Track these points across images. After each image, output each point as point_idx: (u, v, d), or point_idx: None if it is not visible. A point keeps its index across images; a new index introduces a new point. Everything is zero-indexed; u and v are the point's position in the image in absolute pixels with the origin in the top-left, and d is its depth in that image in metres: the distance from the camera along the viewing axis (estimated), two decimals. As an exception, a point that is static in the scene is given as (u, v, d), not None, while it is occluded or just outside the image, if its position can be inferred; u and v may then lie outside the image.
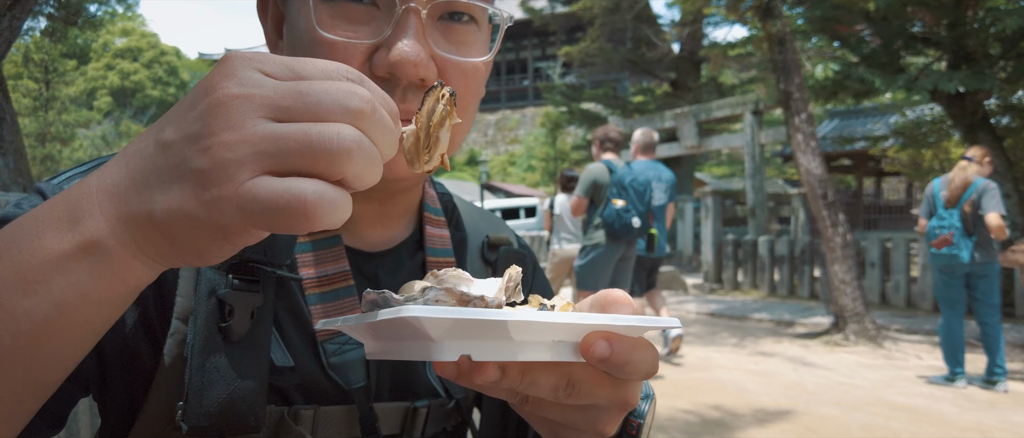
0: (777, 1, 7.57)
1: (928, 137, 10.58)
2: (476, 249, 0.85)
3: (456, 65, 0.65)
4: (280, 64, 0.39)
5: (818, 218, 7.41)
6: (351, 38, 0.62)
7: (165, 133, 0.38)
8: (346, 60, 0.61)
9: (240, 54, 0.39)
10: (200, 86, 0.39)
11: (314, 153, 0.36)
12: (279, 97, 0.37)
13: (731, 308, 9.56)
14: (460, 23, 0.66)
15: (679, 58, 18.64)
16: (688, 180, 18.18)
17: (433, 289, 0.46)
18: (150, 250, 0.40)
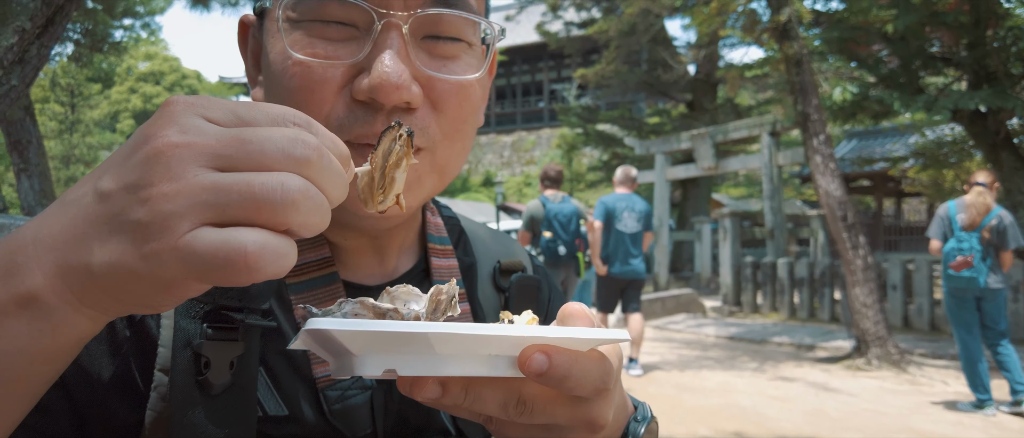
0: (793, 22, 7.57)
1: (949, 157, 10.45)
2: (487, 275, 0.80)
3: (444, 83, 0.60)
4: (224, 110, 0.38)
5: (838, 240, 7.32)
6: (328, 59, 0.58)
7: (104, 182, 0.37)
8: (323, 83, 0.58)
9: (183, 99, 0.38)
10: (141, 132, 0.37)
11: (257, 204, 0.34)
12: (221, 145, 0.36)
13: (751, 331, 9.44)
14: (446, 42, 0.61)
15: (695, 79, 18.65)
16: (705, 201, 18.09)
17: (349, 302, 0.45)
18: (91, 303, 0.38)
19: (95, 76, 35.73)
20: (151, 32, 36.86)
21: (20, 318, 0.37)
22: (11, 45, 2.93)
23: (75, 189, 0.39)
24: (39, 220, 0.39)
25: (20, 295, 0.37)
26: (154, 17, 19.37)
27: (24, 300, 0.37)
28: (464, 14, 0.60)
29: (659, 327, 10.05)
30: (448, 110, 0.61)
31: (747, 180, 25.53)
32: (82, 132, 19.12)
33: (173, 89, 41.69)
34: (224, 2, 6.31)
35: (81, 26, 8.48)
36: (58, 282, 0.37)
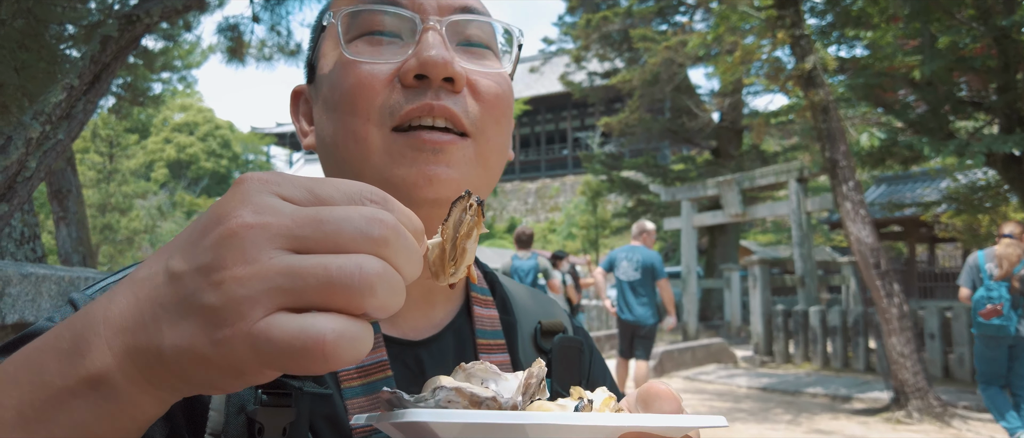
0: (818, 70, 7.58)
1: (984, 202, 10.24)
2: (528, 335, 0.79)
3: (482, 73, 0.67)
4: (299, 187, 0.37)
5: (872, 288, 7.16)
6: (377, 59, 0.64)
7: (174, 262, 0.36)
8: (374, 75, 0.63)
9: (257, 176, 0.37)
10: (213, 211, 0.36)
11: (334, 288, 0.33)
12: (297, 226, 0.35)
13: (783, 382, 9.19)
14: (475, 48, 0.68)
15: (720, 126, 18.68)
16: (733, 248, 17.89)
17: (443, 389, 0.44)
18: (160, 384, 0.37)
19: (133, 127, 36.93)
20: (187, 85, 38.16)
21: (87, 398, 0.37)
22: (59, 101, 3.06)
23: (144, 267, 0.39)
24: (108, 298, 0.38)
25: (89, 375, 0.37)
26: (190, 71, 20.08)
27: (93, 380, 0.37)
28: (487, 19, 0.69)
29: (689, 378, 9.84)
30: (486, 98, 0.66)
31: (775, 227, 25.24)
32: (119, 181, 19.67)
33: (206, 139, 42.84)
34: (259, 57, 6.54)
35: (122, 80, 8.81)
36: (127, 363, 0.36)
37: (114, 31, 3.25)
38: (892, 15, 8.47)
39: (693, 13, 18.76)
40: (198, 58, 18.51)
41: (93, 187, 18.99)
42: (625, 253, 7.03)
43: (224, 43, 6.37)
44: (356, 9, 0.66)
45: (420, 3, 0.66)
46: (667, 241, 25.25)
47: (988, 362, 5.35)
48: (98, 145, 19.94)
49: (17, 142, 2.91)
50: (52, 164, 3.12)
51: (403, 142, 0.63)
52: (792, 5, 8.20)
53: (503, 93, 0.69)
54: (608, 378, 0.85)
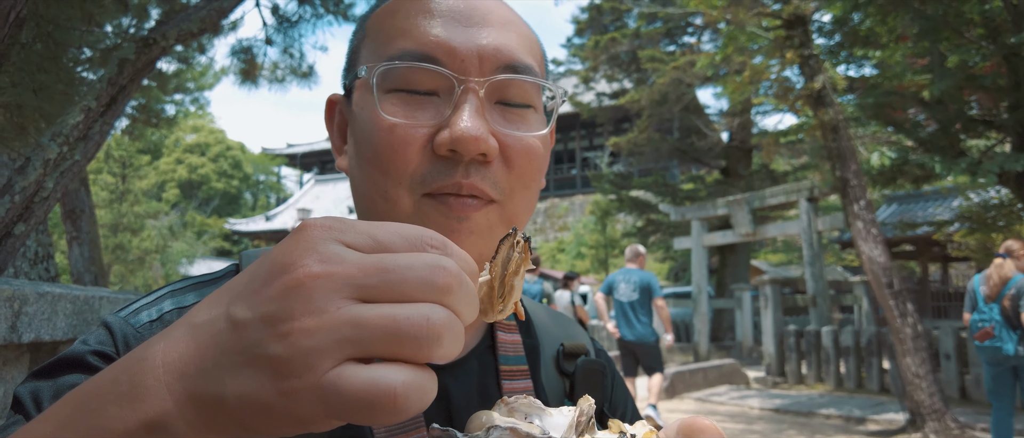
0: (828, 89, 7.59)
1: (997, 221, 10.16)
2: (550, 358, 0.79)
3: (517, 139, 0.65)
4: (361, 234, 0.37)
5: (885, 307, 7.10)
6: (413, 121, 0.63)
7: (237, 310, 0.36)
8: (408, 140, 0.62)
9: (320, 223, 0.37)
10: (277, 259, 0.36)
11: (401, 340, 0.34)
12: (362, 275, 0.35)
13: (796, 403, 9.08)
14: (515, 109, 0.67)
15: (729, 146, 18.67)
16: (744, 268, 17.79)
17: (497, 429, 0.44)
18: (220, 431, 0.36)
19: (145, 148, 37.31)
20: (199, 106, 38.58)
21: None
22: (77, 123, 3.10)
23: (202, 311, 0.38)
24: (164, 341, 0.38)
25: (149, 420, 0.36)
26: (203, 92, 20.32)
27: (153, 425, 0.36)
28: (530, 79, 0.66)
29: (701, 399, 9.75)
30: (518, 165, 0.66)
31: (786, 246, 25.10)
32: (131, 201, 19.84)
33: (218, 160, 43.20)
34: (272, 79, 6.61)
35: (136, 102, 8.93)
36: (188, 409, 0.36)
37: (131, 54, 3.31)
38: (900, 34, 8.48)
39: (701, 34, 18.86)
40: (211, 80, 18.74)
41: (106, 207, 19.16)
42: (623, 276, 7.36)
43: (237, 65, 6.45)
44: (392, 67, 0.64)
45: (461, 59, 0.64)
46: (677, 261, 25.14)
47: (993, 384, 5.32)
48: (111, 166, 20.16)
49: (35, 163, 2.95)
50: (68, 184, 3.16)
51: (432, 207, 0.63)
52: (800, 25, 8.24)
53: (536, 158, 0.67)
54: (630, 402, 0.84)
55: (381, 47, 0.66)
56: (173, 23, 3.52)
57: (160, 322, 0.60)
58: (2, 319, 1.80)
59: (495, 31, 0.66)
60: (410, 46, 0.64)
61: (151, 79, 8.90)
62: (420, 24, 0.65)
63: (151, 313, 0.61)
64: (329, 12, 6.54)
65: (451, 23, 0.65)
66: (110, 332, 0.58)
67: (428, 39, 0.64)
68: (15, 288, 1.83)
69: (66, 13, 4.33)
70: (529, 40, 0.69)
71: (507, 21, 0.68)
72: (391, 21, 0.67)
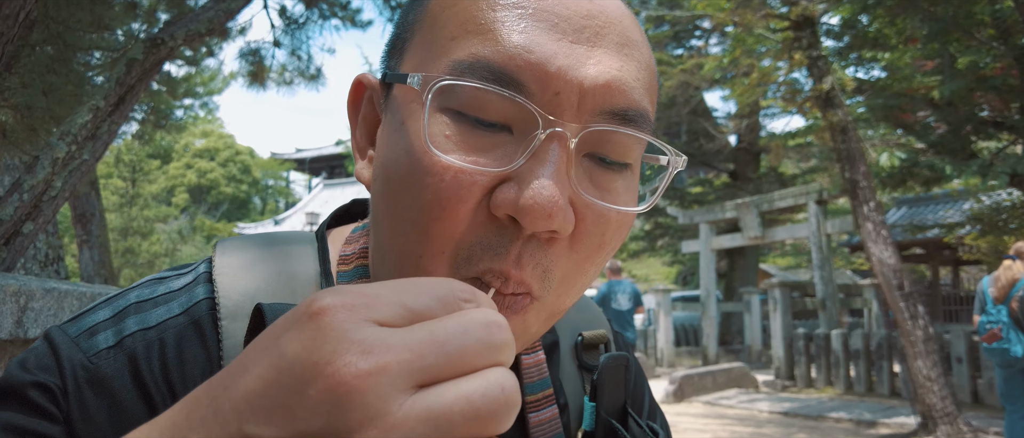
0: (836, 91, 7.55)
1: (1009, 223, 10.07)
2: (569, 350, 0.69)
3: (601, 214, 0.48)
4: (391, 305, 0.30)
5: (895, 310, 7.04)
6: (473, 165, 0.45)
7: (257, 428, 0.28)
8: (461, 194, 0.45)
9: (341, 304, 0.30)
10: (300, 357, 0.28)
11: (482, 421, 0.29)
12: (418, 357, 0.29)
13: (806, 407, 9.02)
14: (610, 168, 0.49)
15: (737, 149, 18.62)
16: (752, 272, 17.72)
17: None
18: None
19: (155, 153, 37.57)
20: (208, 111, 38.83)
21: None
22: (85, 122, 3.12)
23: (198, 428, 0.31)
24: None
25: None
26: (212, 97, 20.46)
27: None
28: (644, 136, 0.49)
29: (710, 403, 9.69)
30: (587, 246, 0.49)
31: (794, 250, 24.98)
32: (140, 206, 19.98)
33: (227, 165, 43.44)
34: (280, 82, 6.64)
35: (146, 106, 9.00)
36: None
37: (139, 55, 3.33)
38: (910, 36, 8.44)
39: (708, 37, 18.83)
40: (219, 85, 18.87)
41: (115, 211, 19.30)
42: (619, 287, 8.02)
43: (246, 68, 6.49)
44: (456, 83, 0.45)
45: (556, 91, 0.45)
46: (685, 264, 25.06)
47: (1004, 388, 5.27)
48: (121, 170, 20.31)
49: (44, 162, 2.97)
50: (77, 184, 3.17)
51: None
52: (808, 26, 8.20)
53: (614, 240, 0.51)
54: (648, 392, 0.76)
55: (446, 40, 0.47)
56: (181, 24, 3.55)
57: (120, 350, 0.48)
58: (8, 314, 1.81)
59: (611, 56, 0.47)
60: (487, 54, 0.45)
61: (160, 83, 8.97)
62: (508, 22, 0.46)
63: (108, 337, 0.49)
64: (335, 16, 6.58)
65: (553, 32, 0.46)
66: (56, 357, 0.47)
67: (516, 51, 0.45)
68: (21, 284, 1.84)
69: (76, 16, 4.36)
70: (650, 71, 0.51)
71: (629, 41, 0.49)
72: (467, 3, 0.48)
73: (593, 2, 0.48)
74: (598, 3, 0.48)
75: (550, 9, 0.46)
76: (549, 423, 0.62)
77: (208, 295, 0.53)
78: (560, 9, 0.46)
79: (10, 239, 2.91)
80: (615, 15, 0.49)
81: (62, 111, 3.91)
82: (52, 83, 3.86)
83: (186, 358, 0.49)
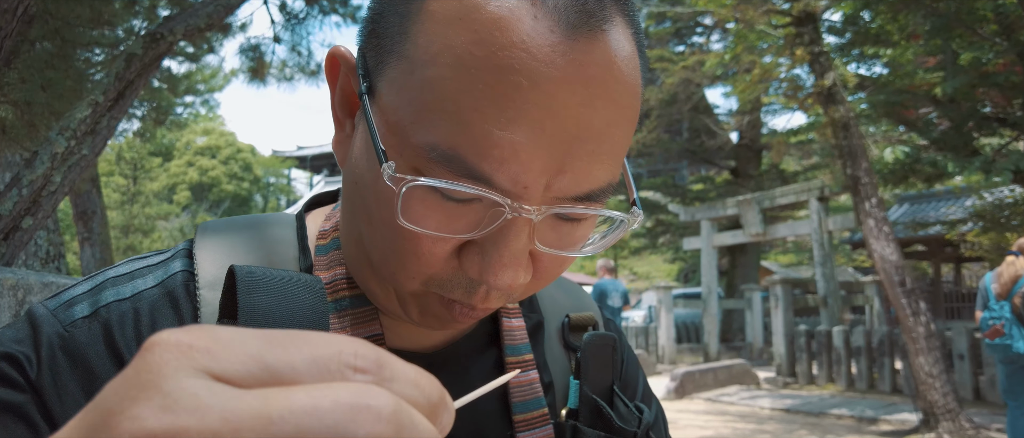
0: (838, 86, 7.53)
1: (1011, 220, 10.05)
2: (555, 331, 0.70)
3: (557, 258, 0.52)
4: (241, 354, 0.22)
5: (897, 307, 7.03)
6: (443, 233, 0.47)
7: None
8: (434, 250, 0.48)
9: (174, 340, 0.22)
10: (102, 401, 0.22)
11: None
12: (231, 430, 0.21)
13: (807, 403, 9.01)
14: (570, 221, 0.51)
15: (738, 146, 18.60)
16: (753, 269, 17.70)
17: None
18: None
19: (156, 150, 37.59)
20: (210, 108, 38.85)
21: None
22: (85, 117, 3.11)
23: None
24: None
25: None
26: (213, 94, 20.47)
27: None
28: (605, 213, 0.50)
29: (711, 399, 9.69)
30: (547, 276, 0.53)
31: (796, 247, 24.97)
32: (142, 203, 20.01)
33: (228, 163, 43.48)
34: (280, 77, 6.64)
35: (147, 104, 9.00)
36: None
37: (138, 49, 3.32)
38: (912, 32, 8.41)
39: (710, 33, 18.80)
40: (220, 82, 18.87)
41: (117, 209, 19.32)
42: (613, 286, 8.24)
43: (246, 64, 6.49)
44: (430, 185, 0.45)
45: (525, 185, 0.45)
46: (687, 262, 25.05)
47: (1007, 384, 5.25)
48: (122, 168, 20.34)
49: (43, 157, 2.97)
50: (76, 179, 3.17)
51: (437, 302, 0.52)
52: (810, 22, 8.18)
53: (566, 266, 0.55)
54: (642, 378, 0.76)
55: (422, 110, 0.45)
56: (180, 19, 3.54)
57: (95, 319, 0.49)
58: (6, 307, 1.80)
59: (590, 148, 0.46)
60: (464, 150, 0.44)
61: (161, 80, 8.97)
62: (491, 115, 0.43)
63: (84, 308, 0.50)
64: (336, 12, 6.57)
65: (536, 132, 0.44)
66: (33, 329, 0.48)
67: (494, 152, 0.44)
68: (19, 277, 1.83)
69: (75, 12, 4.35)
70: (626, 134, 0.49)
71: (611, 124, 0.46)
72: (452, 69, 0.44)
73: (590, 108, 0.45)
74: (596, 110, 0.45)
75: (540, 105, 0.43)
76: (529, 386, 0.62)
77: (184, 269, 0.54)
78: (550, 110, 0.43)
79: (9, 234, 2.91)
80: (605, 120, 0.46)
81: (61, 106, 3.91)
82: (51, 79, 3.85)
83: (159, 327, 0.50)
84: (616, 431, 0.62)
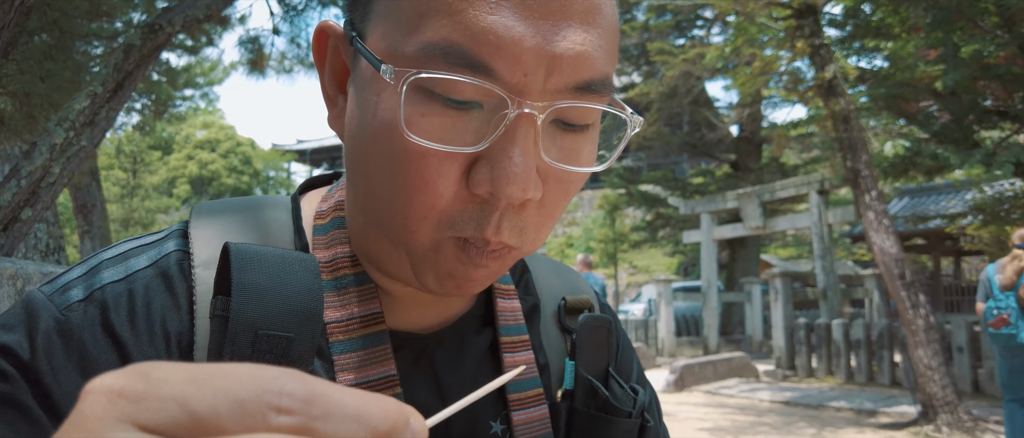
0: (839, 79, 7.51)
1: (1011, 213, 10.05)
2: (551, 314, 0.70)
3: (565, 176, 0.52)
4: (167, 402, 0.22)
5: (896, 299, 7.03)
6: (449, 147, 0.47)
7: None
8: (442, 172, 0.48)
9: (104, 390, 0.22)
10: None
11: None
12: None
13: (807, 396, 9.02)
14: (573, 131, 0.52)
15: (738, 139, 18.58)
16: (753, 262, 17.71)
17: None
18: None
19: (156, 144, 37.54)
20: (209, 102, 38.76)
21: None
22: (83, 108, 3.11)
23: None
24: None
25: None
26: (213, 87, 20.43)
27: None
28: (605, 108, 0.52)
29: (710, 392, 9.71)
30: (552, 202, 0.53)
31: (795, 240, 24.97)
32: (141, 196, 20.01)
33: (228, 156, 43.45)
34: (279, 69, 6.63)
35: (147, 97, 8.98)
36: None
37: (137, 40, 3.31)
38: (913, 25, 8.39)
39: (711, 26, 18.75)
40: (220, 75, 18.83)
41: (117, 202, 19.32)
42: (592, 281, 8.22)
43: (245, 56, 6.48)
44: (431, 76, 0.46)
45: (524, 72, 0.46)
46: (687, 255, 25.07)
47: (1007, 376, 5.26)
48: (122, 161, 20.33)
49: (42, 148, 2.96)
50: (75, 170, 3.16)
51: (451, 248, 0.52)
52: (811, 15, 8.16)
53: (572, 194, 0.55)
54: (636, 362, 0.76)
55: (415, 16, 0.47)
56: (179, 10, 3.53)
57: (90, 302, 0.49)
58: (5, 296, 1.80)
59: (577, 30, 0.48)
60: (459, 39, 0.45)
61: (161, 74, 8.95)
62: (478, 1, 0.46)
63: (79, 291, 0.50)
64: (334, 3, 6.54)
65: (521, 8, 0.46)
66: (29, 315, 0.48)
67: (487, 35, 0.45)
68: (18, 267, 1.83)
69: (74, 3, 4.34)
70: (613, 31, 0.51)
71: (594, 7, 0.49)
72: None
73: None
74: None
75: None
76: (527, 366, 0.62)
77: (178, 248, 0.54)
78: None
79: (8, 225, 2.91)
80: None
81: (60, 98, 3.90)
82: (50, 70, 3.85)
83: (153, 306, 0.50)
84: (612, 411, 0.62)
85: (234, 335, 0.46)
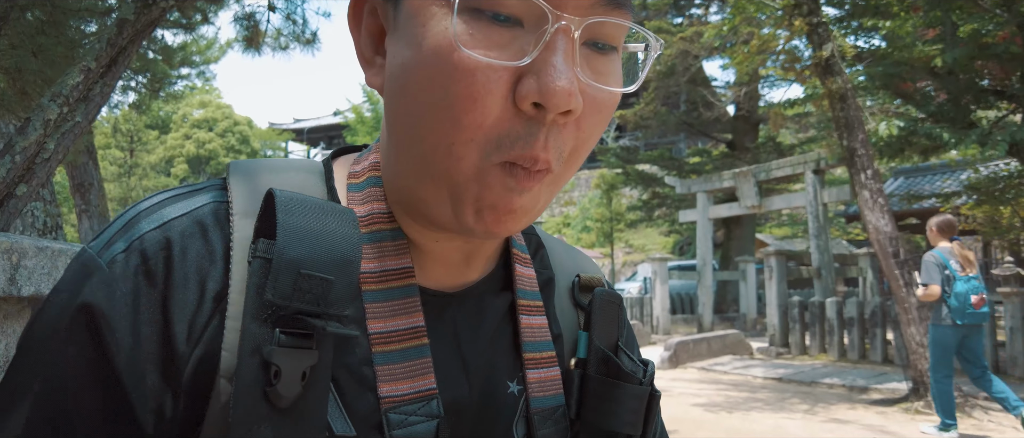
0: (836, 57, 7.49)
1: (1006, 193, 10.08)
2: (565, 289, 0.73)
3: (594, 96, 0.54)
4: None
5: (890, 277, 7.08)
6: (497, 59, 0.50)
7: None
8: (489, 87, 0.50)
9: None
10: None
11: None
12: None
13: (800, 373, 9.12)
14: (602, 53, 0.55)
15: (735, 118, 18.54)
16: (749, 241, 17.77)
17: None
18: None
19: (153, 123, 37.34)
20: (206, 80, 38.50)
21: None
22: (77, 83, 3.10)
23: None
24: None
25: None
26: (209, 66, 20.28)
27: None
28: (636, 27, 0.55)
29: (705, 368, 9.80)
30: (589, 125, 0.55)
31: (791, 219, 25.03)
32: (139, 176, 19.97)
33: (225, 135, 43.25)
34: (275, 46, 6.59)
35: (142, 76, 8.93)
36: None
37: (130, 14, 3.29)
38: (912, 4, 8.34)
39: (709, 5, 18.62)
40: (216, 53, 18.69)
41: (114, 181, 19.29)
42: None
43: (241, 32, 6.43)
44: None
45: None
46: (683, 234, 25.12)
47: (948, 353, 5.62)
48: (119, 140, 20.26)
49: (35, 123, 2.96)
50: (70, 146, 3.16)
51: (496, 175, 0.53)
52: (809, -8, 8.10)
53: (609, 117, 0.57)
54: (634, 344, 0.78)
55: None
56: (171, -15, 3.50)
57: (129, 252, 0.51)
58: (0, 270, 1.82)
59: None
60: None
61: (157, 52, 8.88)
62: None
63: (120, 244, 0.52)
64: (331, -20, 6.49)
65: None
66: (86, 276, 0.51)
67: None
68: (13, 241, 1.84)
69: (66, -22, 4.30)
70: None
71: None
72: None
73: None
74: None
75: None
76: (540, 329, 0.65)
77: (215, 199, 0.56)
78: None
79: (3, 201, 2.92)
80: None
81: (53, 74, 3.89)
82: (42, 45, 3.83)
83: (189, 254, 0.52)
84: (624, 377, 0.65)
85: (277, 273, 0.48)
